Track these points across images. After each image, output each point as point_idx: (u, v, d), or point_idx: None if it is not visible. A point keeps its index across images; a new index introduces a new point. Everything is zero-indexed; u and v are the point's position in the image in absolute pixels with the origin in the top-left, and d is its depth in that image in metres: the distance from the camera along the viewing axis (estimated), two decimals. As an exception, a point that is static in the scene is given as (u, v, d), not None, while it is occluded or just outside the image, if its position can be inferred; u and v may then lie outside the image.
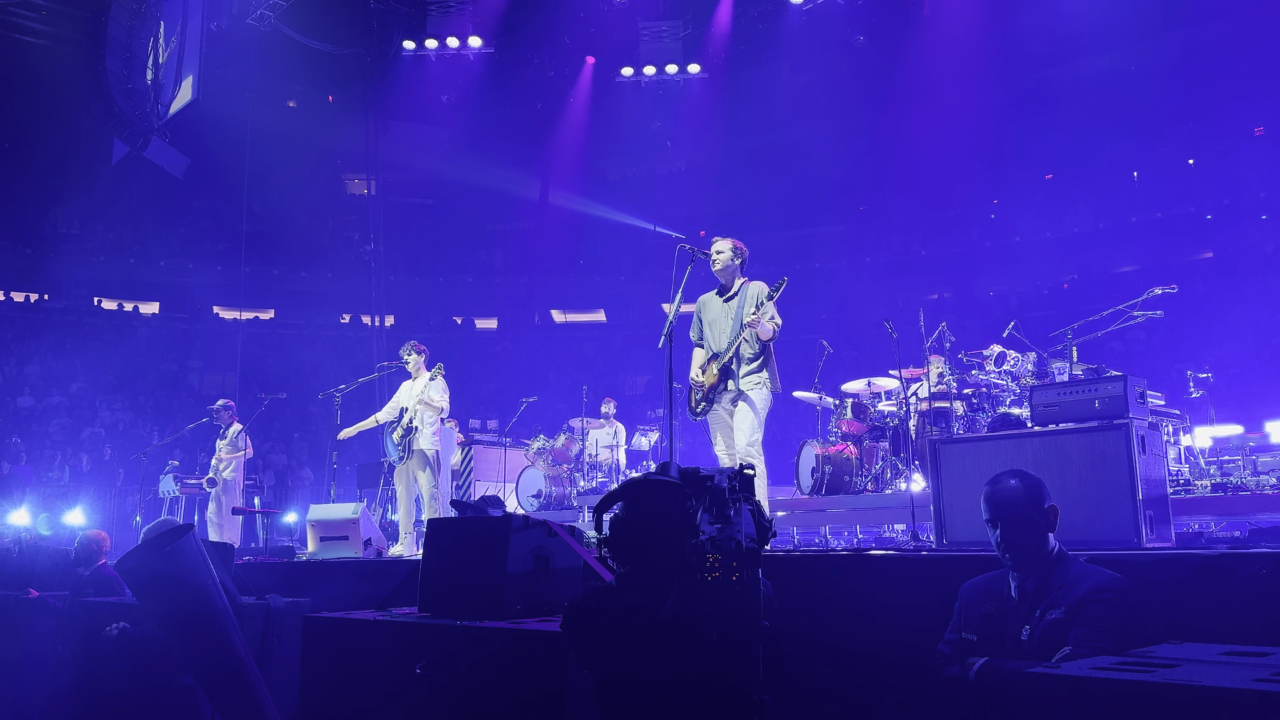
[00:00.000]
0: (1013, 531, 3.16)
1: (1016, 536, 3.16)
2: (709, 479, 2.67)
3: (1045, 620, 3.02)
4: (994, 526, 3.22)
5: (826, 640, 3.84)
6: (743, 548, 2.50)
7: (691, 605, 2.62)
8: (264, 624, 5.42)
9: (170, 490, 12.42)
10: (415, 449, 8.89)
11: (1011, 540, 3.16)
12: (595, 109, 22.61)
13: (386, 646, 3.92)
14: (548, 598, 3.99)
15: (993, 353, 8.33)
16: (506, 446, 12.55)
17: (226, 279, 24.59)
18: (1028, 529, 3.16)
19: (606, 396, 12.76)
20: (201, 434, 13.10)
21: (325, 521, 8.61)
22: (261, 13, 18.46)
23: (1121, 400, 4.61)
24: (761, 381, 6.28)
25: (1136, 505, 4.24)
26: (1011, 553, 3.17)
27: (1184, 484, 6.71)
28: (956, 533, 4.82)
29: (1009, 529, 3.17)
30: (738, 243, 6.58)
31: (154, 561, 4.71)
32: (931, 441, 5.19)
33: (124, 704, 5.38)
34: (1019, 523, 3.16)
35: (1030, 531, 3.16)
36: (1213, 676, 1.99)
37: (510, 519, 4.08)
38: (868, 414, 8.92)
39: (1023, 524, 3.16)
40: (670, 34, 19.91)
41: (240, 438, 11.36)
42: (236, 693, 4.79)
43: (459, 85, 21.82)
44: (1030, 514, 3.17)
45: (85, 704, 5.87)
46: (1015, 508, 3.18)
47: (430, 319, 26.17)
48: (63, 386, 21.65)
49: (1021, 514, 3.17)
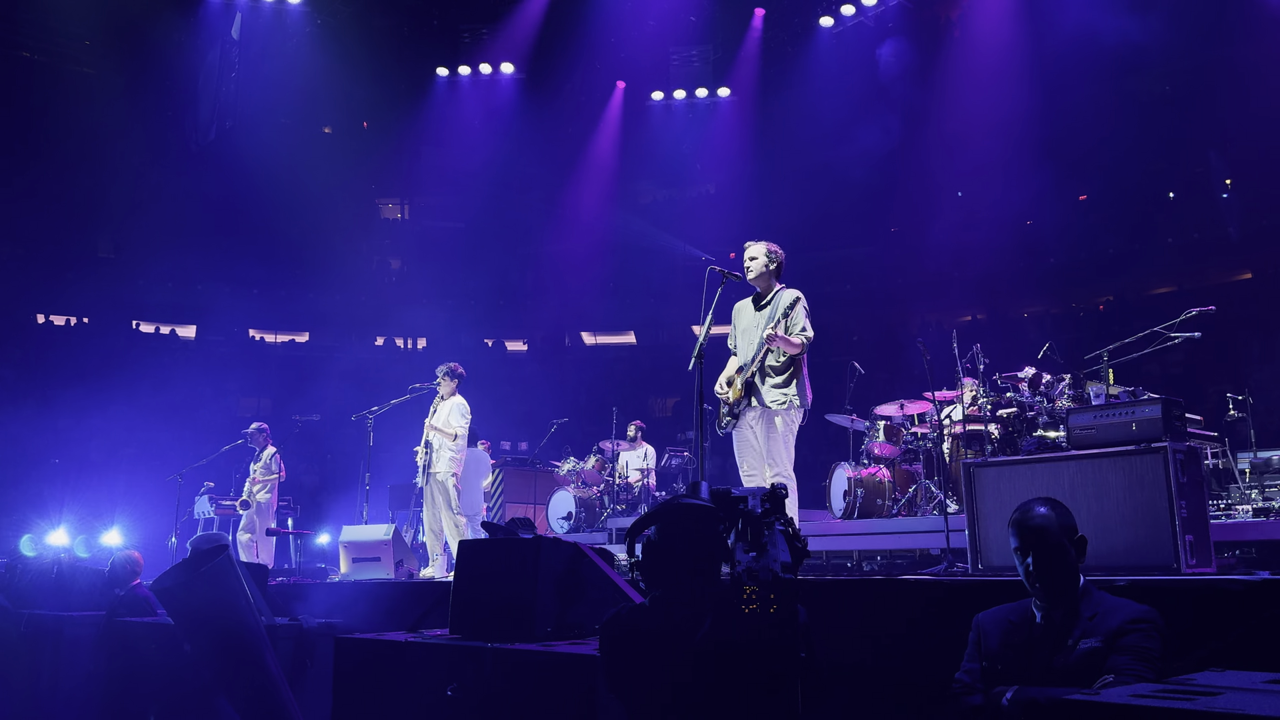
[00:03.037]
0: (1045, 562, 3.10)
1: (1049, 566, 3.09)
2: (741, 501, 2.66)
3: (1080, 649, 2.96)
4: (1024, 555, 3.14)
5: (860, 667, 3.80)
6: (779, 578, 2.48)
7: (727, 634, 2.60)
8: (297, 644, 5.45)
9: (205, 511, 12.55)
10: (431, 472, 8.79)
11: (1044, 570, 3.09)
12: (626, 132, 22.77)
13: (418, 668, 3.93)
14: (578, 620, 3.98)
15: (1027, 375, 8.24)
16: (537, 469, 12.57)
17: (262, 302, 24.89)
18: (1059, 558, 3.09)
19: (635, 419, 12.75)
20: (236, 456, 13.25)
21: (357, 543, 8.66)
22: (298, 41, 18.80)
23: (1159, 423, 4.54)
24: (788, 400, 5.95)
25: (1176, 530, 4.17)
26: (1043, 582, 3.10)
27: (1225, 509, 6.59)
28: (992, 557, 4.76)
29: (1041, 558, 3.11)
30: (772, 246, 6.29)
31: (189, 582, 4.76)
32: (966, 464, 5.15)
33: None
34: (1051, 551, 3.10)
35: (1062, 561, 3.10)
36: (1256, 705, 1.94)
37: (540, 541, 4.08)
38: (900, 437, 8.85)
39: (1055, 552, 3.10)
40: (700, 58, 20.08)
41: (274, 460, 11.47)
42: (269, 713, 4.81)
43: (491, 111, 22.08)
44: (1062, 542, 3.11)
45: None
46: (1048, 536, 3.11)
47: (461, 341, 26.31)
48: (101, 408, 21.96)
49: (1054, 542, 3.11)
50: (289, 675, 5.13)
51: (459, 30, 20.40)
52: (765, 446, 5.97)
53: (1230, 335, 16.47)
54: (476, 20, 20.36)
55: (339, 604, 7.03)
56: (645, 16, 19.89)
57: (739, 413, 6.13)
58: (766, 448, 5.96)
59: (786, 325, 5.93)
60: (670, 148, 23.01)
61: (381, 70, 21.55)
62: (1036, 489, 4.28)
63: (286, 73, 19.65)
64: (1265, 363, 15.81)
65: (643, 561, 2.86)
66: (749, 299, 6.40)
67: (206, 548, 5.30)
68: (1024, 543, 3.14)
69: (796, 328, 5.95)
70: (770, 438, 5.95)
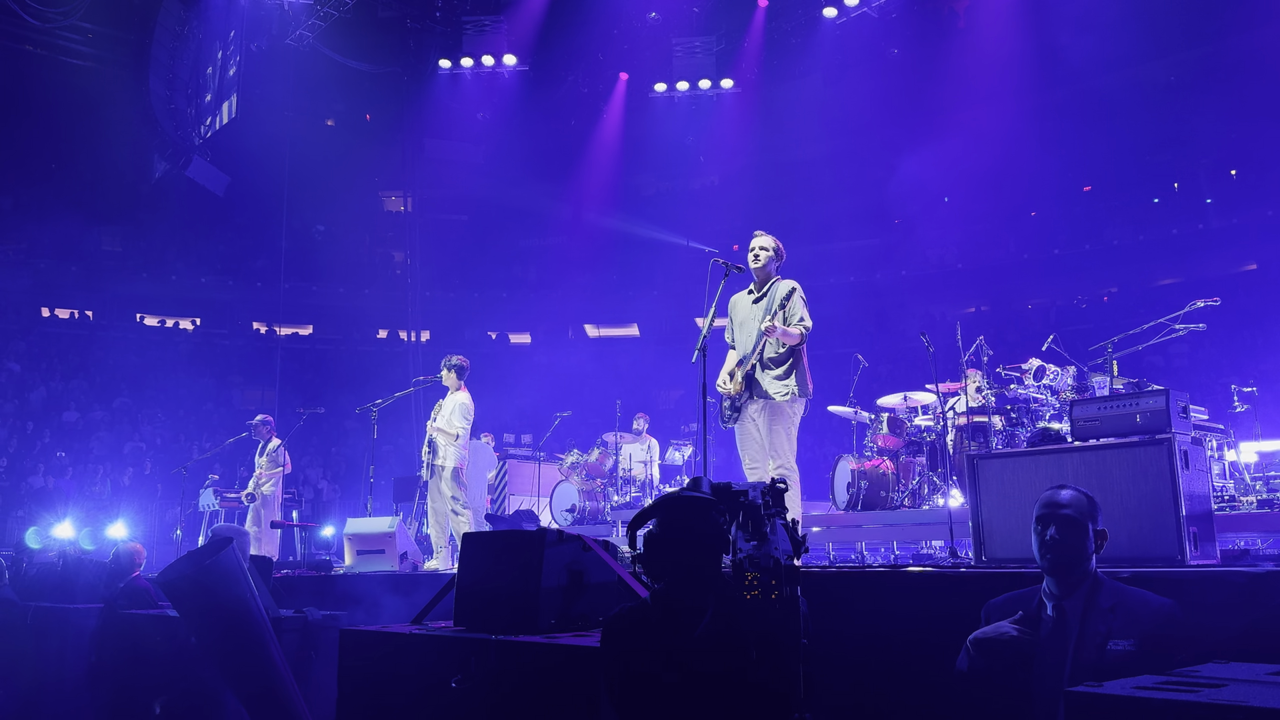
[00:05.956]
0: (1064, 531, 3.09)
1: (1065, 540, 3.08)
2: (742, 494, 2.66)
3: (1112, 650, 2.94)
4: (1044, 527, 3.13)
5: (863, 658, 3.80)
6: (781, 565, 2.48)
7: (730, 622, 2.61)
8: (301, 636, 5.46)
9: (210, 504, 12.58)
10: (436, 464, 8.77)
11: (1059, 543, 3.08)
12: (628, 124, 22.73)
13: (422, 659, 3.94)
14: (582, 612, 3.98)
15: (1031, 366, 8.22)
16: (540, 461, 12.58)
17: (266, 295, 24.94)
18: (1080, 535, 3.09)
19: (639, 411, 12.75)
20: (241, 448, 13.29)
21: (362, 535, 8.67)
22: (300, 33, 18.79)
23: (1164, 415, 4.52)
24: (789, 390, 5.87)
25: (1180, 522, 4.16)
26: (1055, 553, 3.08)
27: (1229, 500, 6.58)
28: (996, 549, 4.76)
29: (1062, 528, 3.09)
30: (779, 243, 6.25)
31: (195, 575, 4.77)
32: (969, 456, 5.14)
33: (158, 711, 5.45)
34: (1072, 524, 3.10)
35: (1081, 538, 3.09)
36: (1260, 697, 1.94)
37: (544, 534, 4.08)
38: (904, 429, 8.84)
39: (1074, 528, 3.09)
40: (703, 49, 20.01)
41: (279, 452, 11.49)
42: (274, 704, 4.83)
43: (494, 103, 22.06)
44: (1085, 522, 3.12)
45: (121, 711, 5.96)
46: (1071, 510, 3.12)
47: (465, 334, 26.34)
48: (105, 402, 22.03)
49: (1077, 517, 3.11)
50: (294, 667, 5.14)
51: (462, 22, 20.35)
52: (768, 439, 5.90)
53: (1235, 327, 16.44)
54: (479, 12, 20.32)
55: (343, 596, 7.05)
56: (648, 7, 19.85)
57: (740, 406, 6.04)
58: (769, 440, 5.89)
59: (784, 316, 5.87)
60: (673, 139, 22.98)
61: (385, 63, 21.55)
62: (1041, 481, 4.27)
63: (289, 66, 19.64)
64: (1270, 354, 15.77)
65: (644, 554, 2.86)
66: (744, 291, 6.31)
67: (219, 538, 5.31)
68: (1047, 514, 3.15)
69: (795, 318, 5.89)
70: (773, 430, 5.88)
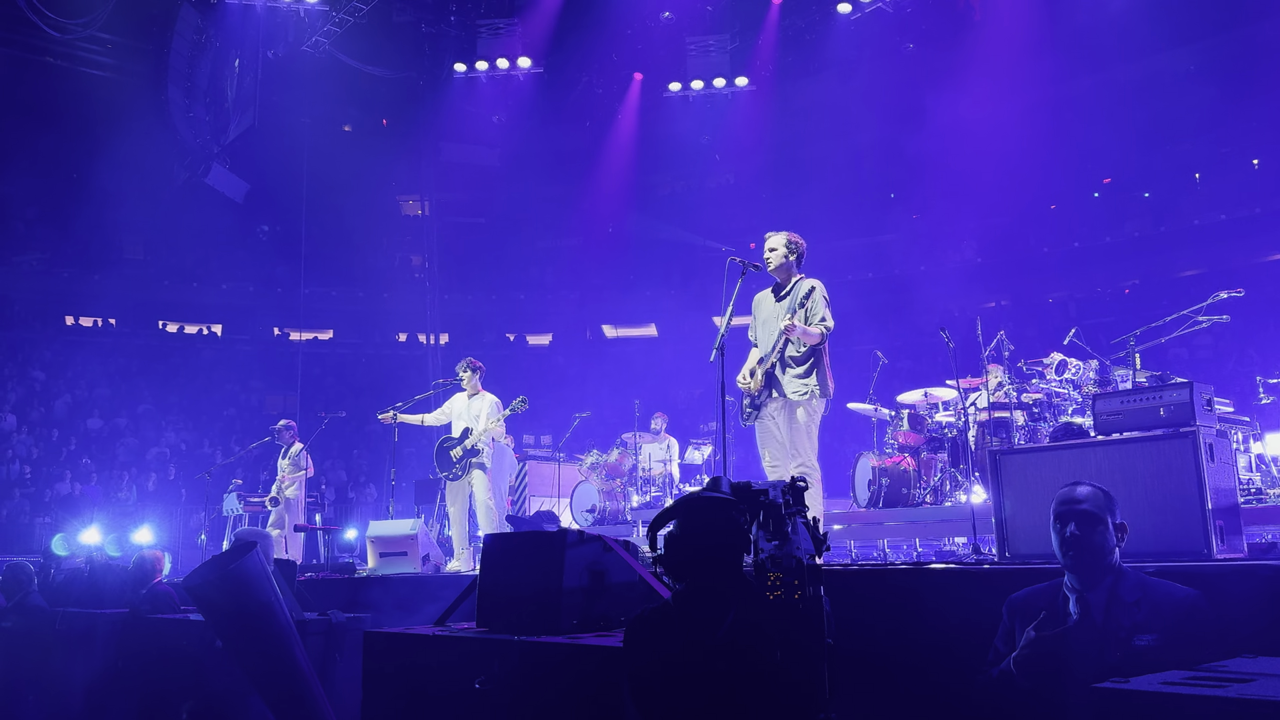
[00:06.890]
0: (1085, 529, 3.08)
1: (1088, 534, 3.07)
2: (762, 493, 2.65)
3: (1137, 644, 2.93)
4: (1064, 524, 3.13)
5: (887, 657, 3.78)
6: (803, 565, 2.47)
7: (753, 623, 2.60)
8: (326, 639, 5.49)
9: (234, 508, 12.67)
10: (473, 464, 8.99)
11: (1083, 537, 3.07)
12: (644, 124, 22.72)
13: (446, 661, 3.95)
14: (604, 613, 3.99)
15: (1053, 361, 8.17)
16: (560, 462, 12.60)
17: (286, 300, 25.09)
18: (1100, 530, 3.08)
19: (658, 411, 12.75)
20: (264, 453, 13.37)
21: (385, 538, 8.71)
22: (316, 39, 18.90)
23: (1188, 407, 4.48)
24: (810, 390, 5.85)
25: (1206, 515, 4.12)
26: (1075, 551, 3.07)
27: (1255, 493, 6.51)
28: (1020, 545, 4.72)
29: (1082, 525, 3.08)
30: (793, 236, 6.20)
31: (219, 580, 4.81)
32: (992, 452, 5.11)
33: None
34: (1091, 520, 3.09)
35: (1102, 534, 3.08)
36: (1290, 692, 1.92)
37: (565, 534, 4.09)
38: (925, 425, 8.81)
39: (1093, 524, 3.08)
40: (717, 48, 19.97)
41: (302, 456, 11.55)
42: (300, 706, 4.86)
43: (509, 105, 22.09)
44: (1104, 516, 3.11)
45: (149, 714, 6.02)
46: (1089, 506, 3.11)
47: (484, 336, 26.43)
48: (129, 408, 22.22)
49: (1095, 513, 3.10)
50: (318, 669, 5.18)
51: (476, 25, 20.41)
52: (789, 437, 5.90)
53: (1260, 318, 16.25)
54: (493, 15, 20.37)
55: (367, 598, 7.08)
56: (661, 7, 19.83)
57: (761, 404, 6.04)
58: (790, 438, 5.89)
59: (805, 315, 5.86)
60: (689, 139, 22.94)
61: (400, 67, 21.64)
62: (1063, 476, 4.24)
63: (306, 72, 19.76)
64: (1295, 345, 15.58)
65: (665, 555, 2.86)
66: (769, 289, 6.32)
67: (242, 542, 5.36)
68: (1065, 511, 3.15)
69: (815, 317, 5.87)
70: (793, 429, 5.89)
